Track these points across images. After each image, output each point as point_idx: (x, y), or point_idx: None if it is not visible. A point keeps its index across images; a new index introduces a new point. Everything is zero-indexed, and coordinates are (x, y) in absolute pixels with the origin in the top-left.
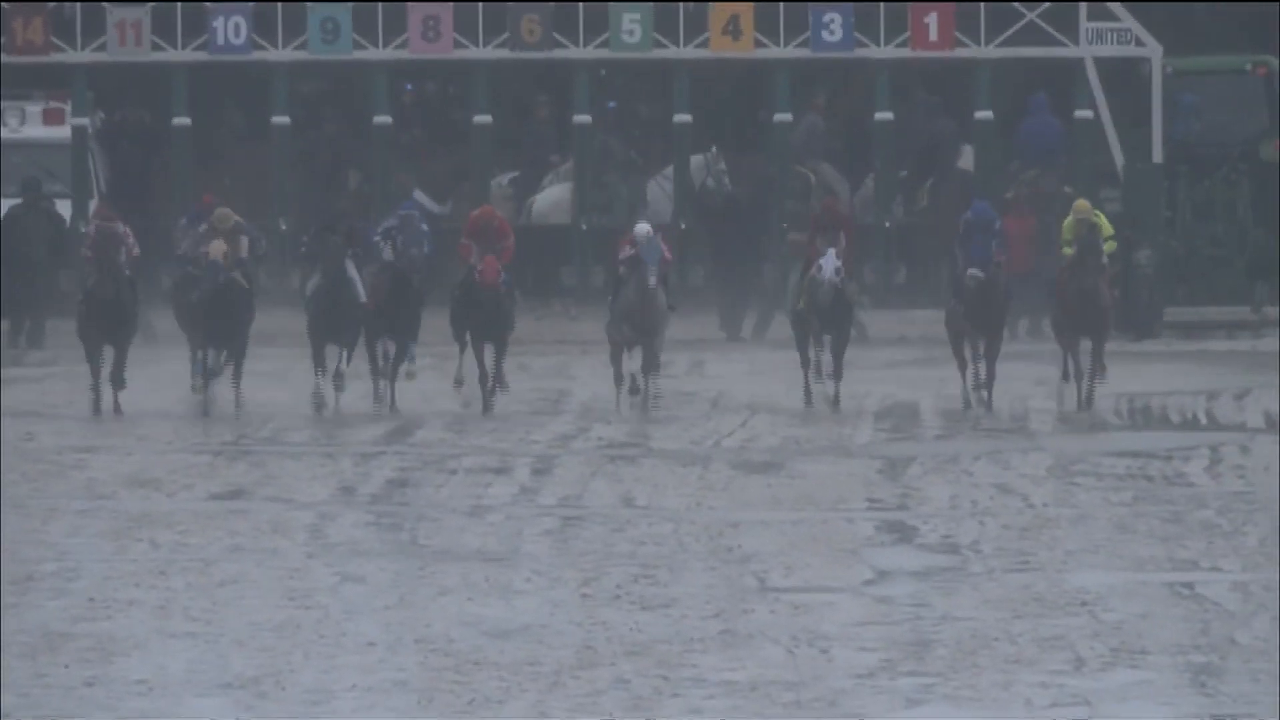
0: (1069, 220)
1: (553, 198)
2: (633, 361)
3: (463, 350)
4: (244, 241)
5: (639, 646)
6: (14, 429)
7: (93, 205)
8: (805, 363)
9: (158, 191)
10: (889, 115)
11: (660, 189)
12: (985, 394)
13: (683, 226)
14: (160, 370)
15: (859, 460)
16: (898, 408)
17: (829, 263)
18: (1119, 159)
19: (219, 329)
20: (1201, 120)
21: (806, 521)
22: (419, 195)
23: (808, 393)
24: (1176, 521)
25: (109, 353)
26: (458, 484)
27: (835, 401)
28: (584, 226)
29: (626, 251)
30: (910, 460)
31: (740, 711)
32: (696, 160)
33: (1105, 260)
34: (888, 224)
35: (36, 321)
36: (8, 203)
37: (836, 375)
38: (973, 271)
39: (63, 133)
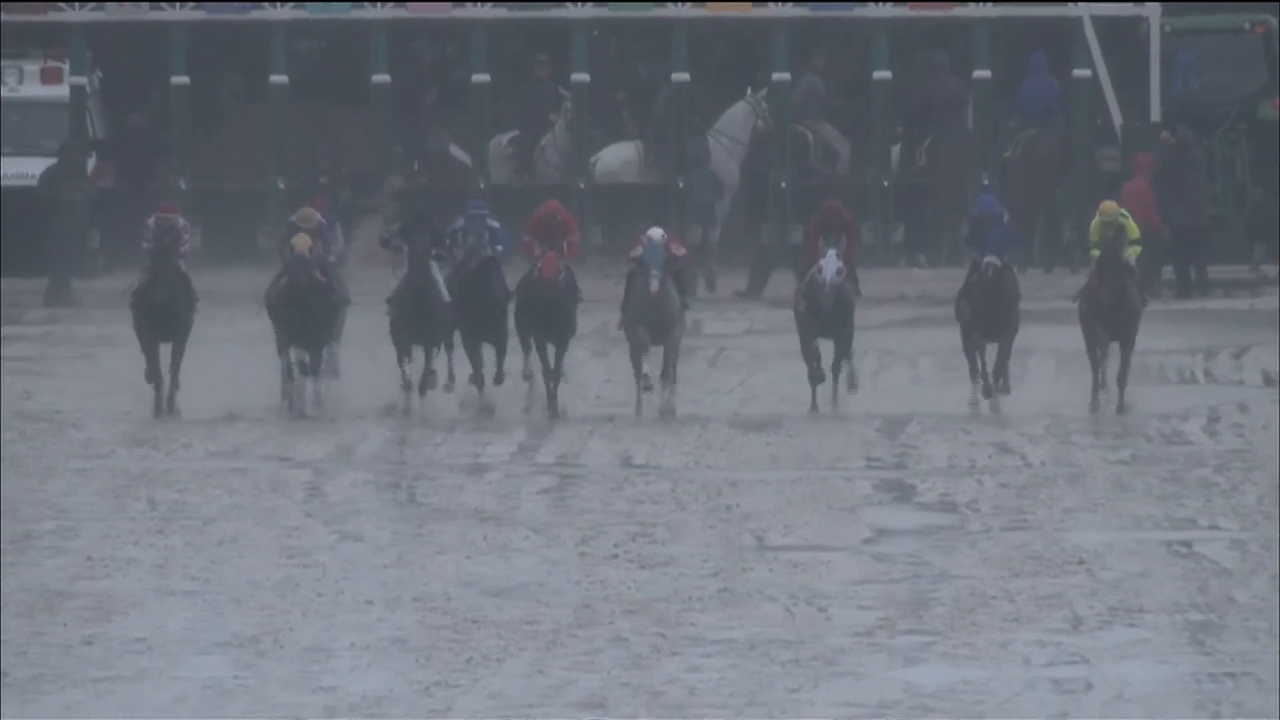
0: (1095, 222)
1: (621, 156)
2: (650, 361)
3: (527, 350)
4: (319, 244)
5: (637, 605)
6: (13, 387)
7: (91, 164)
8: (813, 374)
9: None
10: (887, 74)
11: (716, 143)
12: (999, 387)
13: (680, 185)
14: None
15: (857, 419)
16: (895, 366)
17: (830, 264)
18: (1117, 118)
19: (299, 328)
20: (1199, 79)
21: (805, 480)
22: (455, 150)
23: (814, 399)
24: (1174, 480)
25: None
26: (456, 443)
27: (835, 398)
28: (581, 185)
29: (637, 251)
30: (908, 419)
31: (738, 670)
32: (742, 107)
33: (1132, 264)
34: (886, 183)
35: (61, 279)
36: (19, 161)
37: (835, 369)
38: (990, 259)
39: (61, 92)
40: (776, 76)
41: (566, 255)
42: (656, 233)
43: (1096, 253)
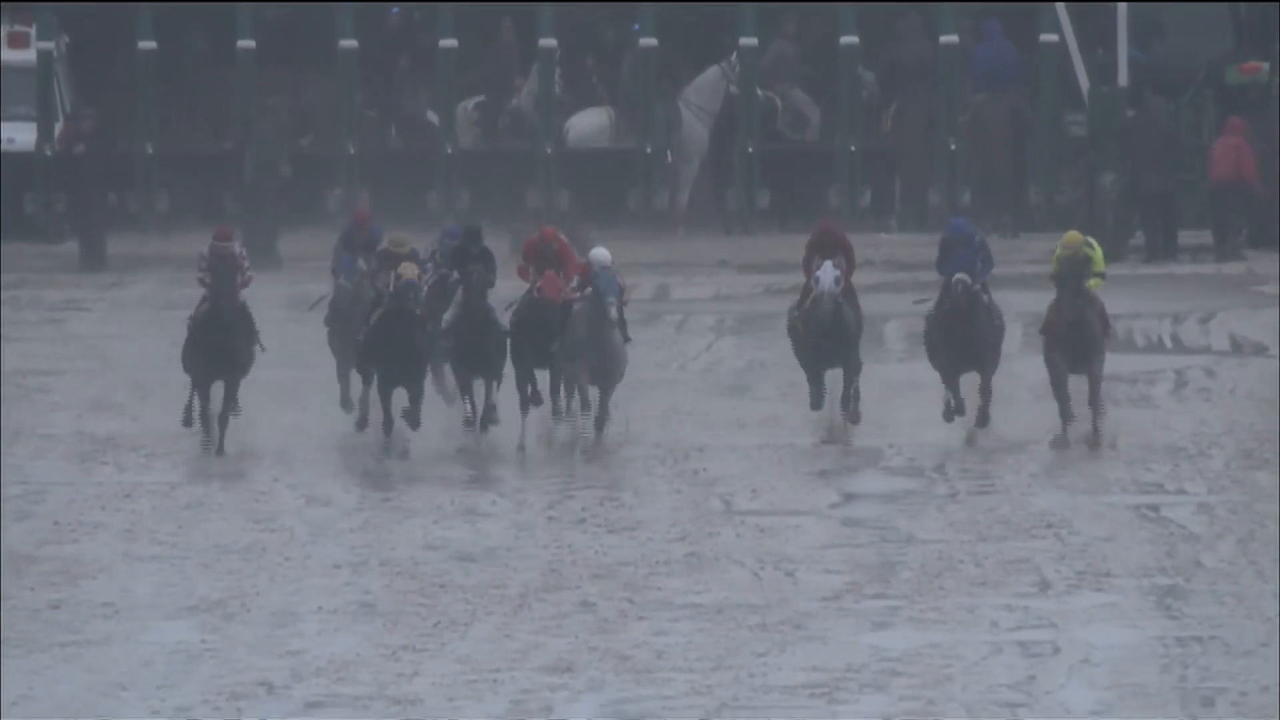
0: (1058, 253)
1: (593, 123)
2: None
3: (524, 388)
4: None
5: (605, 569)
6: None
7: (58, 128)
8: (816, 398)
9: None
10: (854, 39)
11: (685, 109)
12: (978, 422)
13: (649, 150)
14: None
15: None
16: (863, 332)
17: (827, 273)
18: (1084, 83)
19: (396, 362)
20: (1165, 44)
21: (772, 445)
22: (431, 115)
23: (830, 429)
24: (1142, 444)
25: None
26: (424, 407)
27: (846, 430)
28: (548, 150)
29: (586, 290)
30: (875, 383)
31: (706, 634)
32: (714, 72)
33: (1091, 292)
34: (853, 148)
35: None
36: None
37: (846, 403)
38: (960, 276)
39: (28, 57)
40: (744, 42)
41: (566, 282)
42: (604, 255)
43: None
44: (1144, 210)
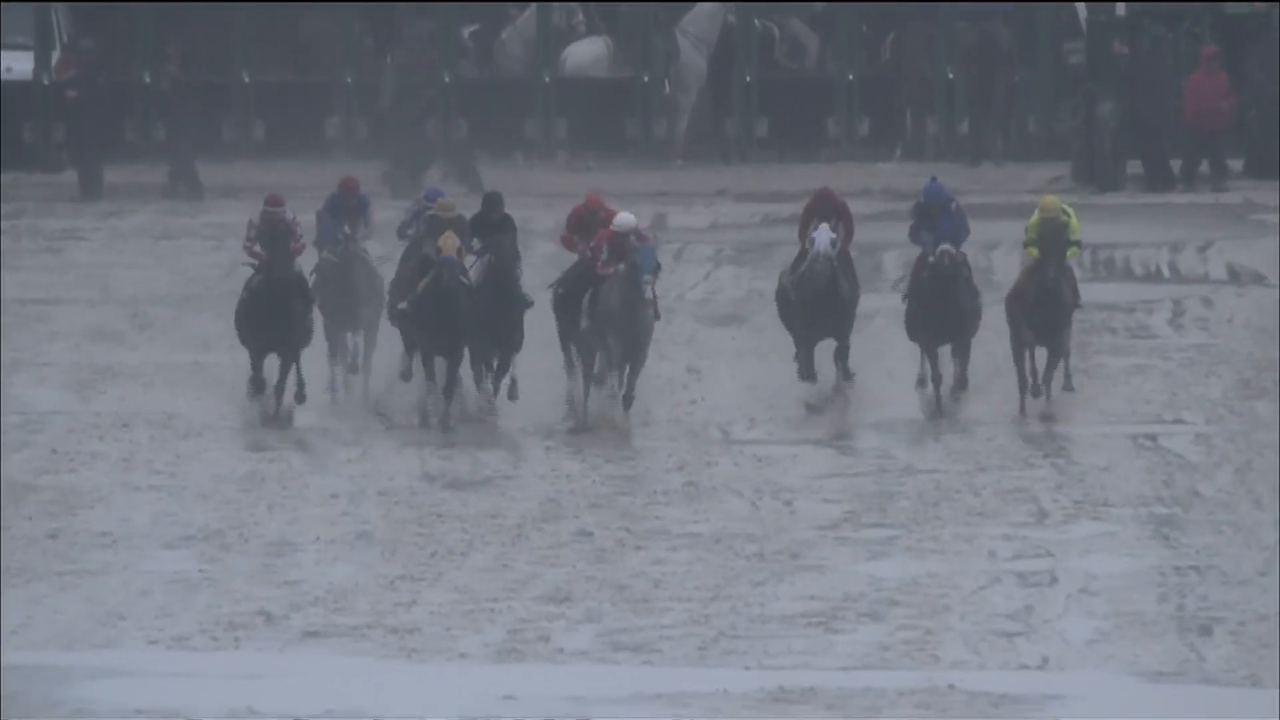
0: (1034, 219)
1: (592, 53)
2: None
3: (564, 331)
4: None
5: (602, 499)
6: None
7: (55, 57)
8: (805, 371)
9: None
10: None
11: (683, 39)
12: (954, 394)
13: (646, 80)
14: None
15: None
16: (861, 261)
17: (823, 235)
18: (1082, 11)
19: (444, 335)
20: None
21: (770, 374)
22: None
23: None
24: (1140, 373)
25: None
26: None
27: (839, 392)
28: (546, 79)
29: (613, 263)
30: (874, 313)
31: (704, 563)
32: (713, 5)
33: (1069, 264)
34: (851, 77)
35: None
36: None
37: (841, 374)
38: (945, 247)
39: None
40: None
41: None
42: (629, 220)
43: (1034, 251)
44: (1142, 140)
